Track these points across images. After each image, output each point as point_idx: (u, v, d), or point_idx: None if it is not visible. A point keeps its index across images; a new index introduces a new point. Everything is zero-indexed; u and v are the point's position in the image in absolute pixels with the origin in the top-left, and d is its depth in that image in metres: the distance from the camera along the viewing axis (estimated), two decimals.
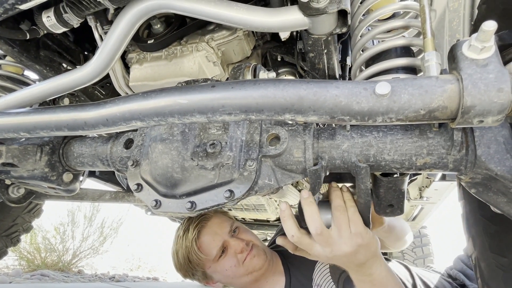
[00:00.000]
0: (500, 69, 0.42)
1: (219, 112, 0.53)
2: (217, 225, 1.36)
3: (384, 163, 0.77)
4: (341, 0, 0.78)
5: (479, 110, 0.42)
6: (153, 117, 0.59)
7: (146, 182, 0.91)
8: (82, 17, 1.11)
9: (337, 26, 0.86)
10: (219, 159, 0.83)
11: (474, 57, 0.43)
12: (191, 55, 1.38)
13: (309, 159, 0.81)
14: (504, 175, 0.64)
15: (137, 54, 1.47)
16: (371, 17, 0.91)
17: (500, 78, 0.41)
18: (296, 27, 0.86)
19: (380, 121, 0.48)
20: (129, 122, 0.62)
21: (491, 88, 0.41)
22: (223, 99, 0.52)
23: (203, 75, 1.40)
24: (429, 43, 0.71)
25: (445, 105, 0.44)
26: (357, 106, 0.47)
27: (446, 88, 0.44)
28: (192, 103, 0.54)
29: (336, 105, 0.48)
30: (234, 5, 0.87)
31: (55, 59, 1.56)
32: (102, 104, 0.66)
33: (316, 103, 0.48)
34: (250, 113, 0.52)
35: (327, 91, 0.48)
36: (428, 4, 0.76)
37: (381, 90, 0.46)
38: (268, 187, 0.84)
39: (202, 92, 0.54)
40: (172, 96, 0.56)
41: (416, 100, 0.45)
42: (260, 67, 1.05)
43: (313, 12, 0.79)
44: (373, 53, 0.87)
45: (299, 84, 0.50)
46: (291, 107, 0.49)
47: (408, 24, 0.86)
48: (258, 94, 0.51)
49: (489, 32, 0.41)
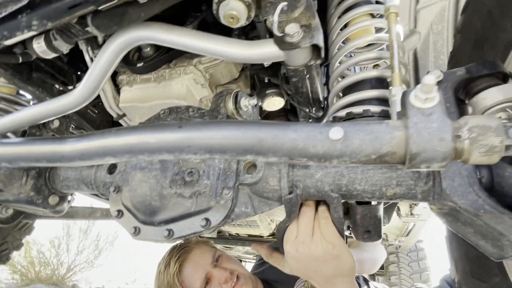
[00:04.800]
0: (443, 118, 0.44)
1: (186, 152, 0.55)
2: (199, 257, 1.34)
3: (356, 192, 0.79)
4: (313, 35, 0.82)
5: (424, 157, 0.44)
6: (124, 154, 0.61)
7: (127, 209, 0.92)
8: (71, 43, 1.14)
9: (312, 58, 0.89)
10: (197, 188, 0.85)
11: (420, 106, 0.46)
12: (179, 78, 1.42)
13: (284, 187, 0.82)
14: (467, 208, 0.65)
15: (128, 76, 1.51)
16: (346, 48, 0.95)
17: (442, 128, 0.43)
18: (272, 59, 0.89)
19: (335, 163, 0.50)
20: (103, 157, 0.64)
21: (434, 137, 0.43)
22: (189, 140, 0.55)
23: (191, 96, 1.44)
24: (396, 77, 0.74)
25: (393, 151, 0.46)
26: (313, 149, 0.50)
27: (395, 135, 0.46)
28: (160, 143, 0.57)
29: (293, 148, 0.50)
30: (213, 38, 0.91)
31: (48, 81, 1.59)
32: (78, 139, 0.68)
33: (275, 146, 0.51)
34: (214, 153, 0.54)
35: (286, 134, 0.51)
36: (396, 39, 0.79)
37: (334, 135, 0.48)
38: (245, 215, 0.86)
39: (170, 132, 0.57)
40: (141, 135, 0.59)
41: (367, 146, 0.47)
42: (241, 94, 1.08)
43: (287, 46, 0.83)
44: (347, 83, 0.90)
45: (260, 128, 0.52)
46: (252, 149, 0.52)
47: (380, 56, 0.90)
48: (221, 136, 0.53)
49: (430, 86, 0.44)
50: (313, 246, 0.79)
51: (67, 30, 1.03)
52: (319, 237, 0.79)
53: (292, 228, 0.84)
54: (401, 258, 4.02)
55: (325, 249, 0.79)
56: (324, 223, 0.81)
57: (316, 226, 0.80)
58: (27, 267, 4.53)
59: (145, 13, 0.97)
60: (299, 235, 0.80)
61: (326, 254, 0.79)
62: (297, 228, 0.82)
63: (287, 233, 0.86)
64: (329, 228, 0.81)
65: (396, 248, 3.94)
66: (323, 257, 0.79)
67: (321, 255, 0.79)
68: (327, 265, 0.81)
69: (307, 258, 0.80)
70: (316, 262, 0.81)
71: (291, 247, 0.82)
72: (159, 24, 0.97)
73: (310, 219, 0.80)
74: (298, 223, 0.82)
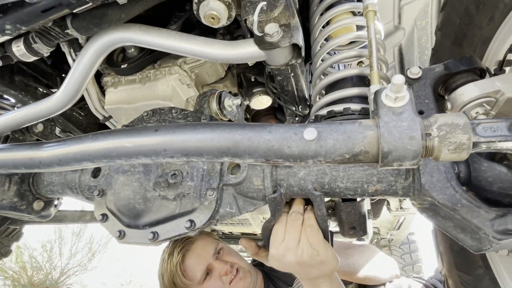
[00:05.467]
0: (413, 117, 0.45)
1: (162, 155, 0.55)
2: (201, 248, 1.37)
3: (339, 190, 0.79)
4: (293, 35, 0.82)
5: (395, 156, 0.45)
6: (101, 158, 0.60)
7: (111, 212, 0.91)
8: (52, 46, 1.12)
9: (293, 57, 0.89)
10: (180, 189, 0.84)
11: (391, 105, 0.46)
12: (164, 79, 1.41)
13: (268, 187, 0.83)
14: (445, 203, 0.66)
15: (112, 77, 1.49)
16: (327, 46, 0.95)
17: (412, 127, 0.44)
18: (253, 59, 0.89)
19: (311, 163, 0.51)
20: (80, 163, 0.63)
21: (404, 136, 0.44)
22: (165, 143, 0.54)
23: (177, 97, 1.43)
24: (375, 76, 0.74)
25: (366, 150, 0.47)
26: (288, 150, 0.50)
27: (367, 134, 0.47)
28: (136, 147, 0.56)
29: (269, 149, 0.50)
30: (193, 39, 0.90)
31: (31, 84, 1.56)
32: (55, 145, 0.67)
33: (251, 147, 0.51)
34: (191, 156, 0.54)
35: (261, 136, 0.51)
36: (375, 37, 0.80)
37: (309, 136, 0.49)
38: (230, 215, 0.86)
39: (146, 136, 0.56)
40: (118, 139, 0.58)
41: (340, 145, 0.48)
42: (225, 94, 1.08)
43: (267, 46, 0.83)
44: (328, 82, 0.91)
45: (235, 130, 0.52)
46: (228, 151, 0.52)
47: (359, 54, 0.90)
48: (197, 139, 0.53)
49: (399, 85, 0.44)
50: (299, 253, 0.81)
51: (47, 32, 1.01)
52: (305, 245, 0.81)
53: (278, 231, 0.84)
54: (394, 251, 4.07)
55: (311, 256, 0.80)
56: (310, 231, 0.82)
57: (303, 233, 0.82)
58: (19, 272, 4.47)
59: (125, 14, 0.96)
60: (286, 241, 0.82)
61: (312, 260, 0.81)
62: (284, 232, 0.83)
63: (273, 235, 0.86)
64: (315, 236, 0.82)
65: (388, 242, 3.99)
66: (308, 262, 0.81)
67: (306, 261, 0.81)
68: (311, 269, 0.83)
69: (293, 263, 0.82)
70: (301, 267, 0.83)
71: (276, 251, 0.83)
72: (139, 26, 0.96)
73: (297, 226, 0.82)
74: (286, 228, 0.83)
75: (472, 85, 0.80)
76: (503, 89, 0.76)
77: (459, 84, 0.83)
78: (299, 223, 0.83)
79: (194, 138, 0.53)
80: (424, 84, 0.83)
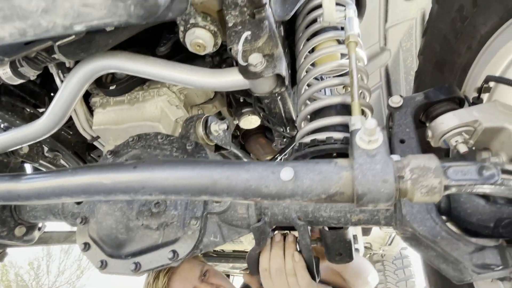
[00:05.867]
0: (386, 160, 0.46)
1: (140, 193, 0.55)
2: (187, 271, 1.35)
3: (322, 219, 0.79)
4: (276, 65, 0.83)
5: (370, 198, 0.45)
6: (80, 194, 0.60)
7: (94, 241, 0.90)
8: (39, 69, 1.12)
9: (277, 86, 0.91)
10: (164, 219, 0.83)
11: (364, 147, 0.47)
12: (153, 100, 1.41)
13: (252, 215, 0.82)
14: (425, 234, 0.67)
15: (101, 98, 1.49)
16: (311, 73, 0.97)
17: (385, 170, 0.45)
18: (238, 87, 0.90)
19: (288, 201, 0.51)
20: (59, 197, 0.63)
21: (378, 179, 0.45)
22: (143, 181, 0.54)
23: (166, 118, 1.43)
24: (356, 107, 0.75)
25: (342, 191, 0.47)
26: (266, 189, 0.50)
27: (342, 175, 0.47)
28: (115, 184, 0.56)
29: (247, 188, 0.51)
30: (178, 67, 0.91)
31: (18, 104, 1.55)
32: (34, 178, 0.66)
33: (229, 186, 0.51)
34: (169, 194, 0.54)
35: (238, 175, 0.51)
36: (356, 68, 0.81)
37: (285, 176, 0.49)
38: (214, 244, 0.85)
39: (124, 173, 0.56)
40: (97, 175, 0.58)
41: (316, 186, 0.48)
42: (212, 119, 1.08)
43: (251, 75, 0.84)
44: (312, 109, 0.92)
45: (213, 168, 0.52)
46: (206, 190, 0.52)
47: (342, 83, 0.92)
48: (175, 177, 0.53)
49: (372, 130, 0.45)
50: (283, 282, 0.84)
51: (34, 57, 1.01)
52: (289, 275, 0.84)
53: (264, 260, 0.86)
54: (387, 266, 4.05)
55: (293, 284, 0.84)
56: (298, 269, 0.86)
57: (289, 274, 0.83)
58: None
59: (112, 39, 0.97)
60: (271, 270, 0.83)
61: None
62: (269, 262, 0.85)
63: (260, 264, 0.88)
64: (302, 274, 0.85)
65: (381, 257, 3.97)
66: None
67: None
68: None
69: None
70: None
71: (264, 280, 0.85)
72: (126, 53, 0.97)
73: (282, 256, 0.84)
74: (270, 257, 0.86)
75: (451, 115, 0.82)
76: (480, 119, 0.78)
77: (439, 112, 0.85)
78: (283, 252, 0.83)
79: (172, 176, 0.53)
80: (405, 113, 0.85)
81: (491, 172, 0.43)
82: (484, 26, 0.81)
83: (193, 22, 0.90)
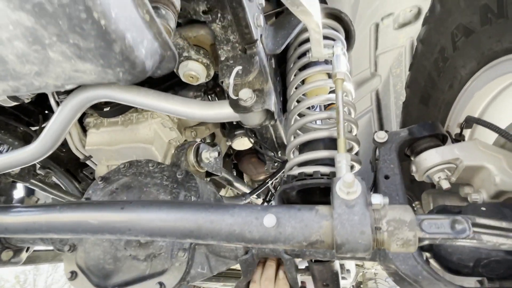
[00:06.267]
0: (364, 211, 0.47)
1: (127, 234, 0.56)
2: None
3: (309, 252, 0.80)
4: (265, 101, 0.86)
5: (348, 248, 0.47)
6: (67, 232, 0.60)
7: (81, 270, 0.90)
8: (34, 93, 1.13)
9: (266, 119, 0.93)
10: (152, 250, 0.84)
11: (344, 198, 0.49)
12: (146, 122, 1.42)
13: (239, 247, 0.83)
14: (407, 273, 0.68)
15: (95, 119, 1.50)
16: (300, 106, 0.99)
17: (363, 221, 0.47)
18: (228, 119, 0.92)
19: (271, 247, 0.52)
20: (46, 233, 0.63)
21: (356, 230, 0.46)
22: (130, 223, 0.55)
23: (159, 139, 1.44)
24: (341, 144, 0.78)
25: (322, 240, 0.49)
26: (249, 235, 0.52)
27: (322, 224, 0.49)
28: (101, 224, 0.57)
29: (231, 233, 0.52)
30: (171, 98, 0.93)
31: (11, 123, 1.56)
32: (22, 211, 0.67)
33: (213, 231, 0.52)
34: (155, 236, 0.55)
35: (223, 220, 0.52)
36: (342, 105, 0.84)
37: (268, 223, 0.50)
38: (201, 276, 0.85)
39: (112, 213, 0.57)
40: (84, 214, 0.59)
41: (298, 233, 0.50)
42: (203, 147, 1.10)
43: (241, 110, 0.86)
44: (300, 142, 0.94)
45: (199, 211, 0.54)
46: (191, 234, 0.53)
47: (330, 117, 0.95)
48: (161, 220, 0.54)
49: (350, 183, 0.47)
50: None
51: None
52: None
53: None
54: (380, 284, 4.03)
55: None
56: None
57: None
58: None
59: None
60: None
61: None
62: None
63: None
64: None
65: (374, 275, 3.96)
66: None
67: None
68: None
69: None
70: None
71: None
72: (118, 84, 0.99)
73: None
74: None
75: (434, 152, 0.85)
76: (461, 157, 0.81)
77: (422, 148, 0.88)
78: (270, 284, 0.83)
79: (158, 219, 0.54)
80: (390, 148, 0.88)
81: (462, 226, 0.45)
82: (464, 69, 0.85)
83: (186, 55, 0.93)
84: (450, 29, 0.84)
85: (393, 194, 0.79)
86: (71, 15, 0.30)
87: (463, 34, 0.79)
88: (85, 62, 0.35)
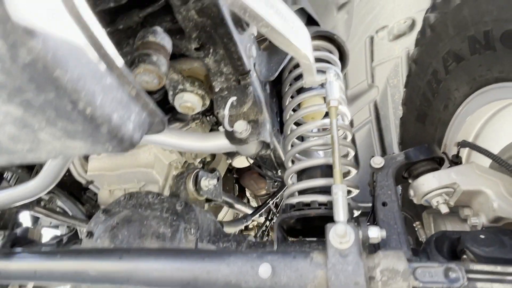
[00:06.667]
0: (357, 261, 0.48)
1: (126, 284, 0.57)
2: None
3: None
4: (260, 132, 0.86)
5: None
6: (67, 281, 0.61)
7: None
8: None
9: (263, 148, 0.94)
10: None
11: (337, 247, 0.49)
12: (146, 147, 1.44)
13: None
14: None
15: None
16: (296, 132, 1.00)
17: (356, 271, 0.47)
18: (225, 150, 0.93)
19: None
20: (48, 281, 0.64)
21: (350, 281, 0.47)
22: (128, 273, 0.56)
23: (159, 162, 1.45)
24: (337, 175, 0.78)
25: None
26: (245, 285, 0.52)
27: (317, 274, 0.49)
28: (100, 274, 0.58)
29: (227, 283, 0.53)
30: (168, 132, 0.95)
31: None
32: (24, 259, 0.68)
33: (209, 282, 0.53)
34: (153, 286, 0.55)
35: (219, 270, 0.53)
36: (337, 135, 0.84)
37: (263, 273, 0.51)
38: None
39: (110, 262, 0.58)
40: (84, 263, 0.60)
41: (293, 283, 0.50)
42: (202, 174, 1.11)
43: (237, 141, 0.87)
44: (298, 169, 0.95)
45: (195, 262, 0.54)
46: (188, 285, 0.54)
47: (326, 143, 0.95)
48: (158, 271, 0.55)
49: (342, 235, 0.47)
50: None
51: None
52: None
53: None
54: None
55: None
56: None
57: None
58: None
59: None
60: None
61: None
62: None
63: None
64: None
65: None
66: None
67: None
68: None
69: None
70: None
71: None
72: None
73: None
74: None
75: (431, 176, 0.84)
76: (458, 182, 0.81)
77: (420, 172, 0.88)
78: None
79: (155, 270, 0.55)
80: (387, 174, 0.88)
81: (456, 275, 0.45)
82: (457, 91, 0.85)
83: (181, 87, 0.94)
84: (441, 54, 0.84)
85: (391, 223, 0.78)
86: (57, 107, 0.31)
87: (454, 59, 0.79)
88: (75, 140, 0.36)
